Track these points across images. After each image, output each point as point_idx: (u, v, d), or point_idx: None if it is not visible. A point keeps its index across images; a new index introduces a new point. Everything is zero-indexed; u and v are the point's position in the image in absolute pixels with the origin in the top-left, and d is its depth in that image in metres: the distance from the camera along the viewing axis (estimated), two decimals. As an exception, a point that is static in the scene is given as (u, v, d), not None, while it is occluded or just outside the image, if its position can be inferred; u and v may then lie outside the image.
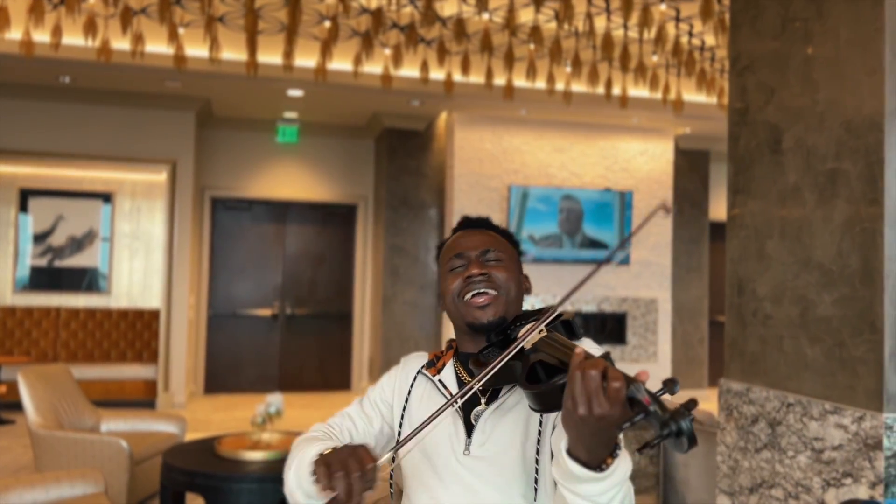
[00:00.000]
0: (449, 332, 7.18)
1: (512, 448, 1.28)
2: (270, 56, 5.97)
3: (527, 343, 1.19)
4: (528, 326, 1.22)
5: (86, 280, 7.65)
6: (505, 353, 1.16)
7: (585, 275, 1.33)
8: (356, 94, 6.88)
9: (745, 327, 2.83)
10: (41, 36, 5.51)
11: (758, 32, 2.84)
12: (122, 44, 5.67)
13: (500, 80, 6.36)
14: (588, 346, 1.29)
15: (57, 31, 5.13)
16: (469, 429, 1.32)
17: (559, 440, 1.07)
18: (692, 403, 0.91)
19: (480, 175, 7.35)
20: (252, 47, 5.33)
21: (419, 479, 1.34)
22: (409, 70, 6.29)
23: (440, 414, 1.18)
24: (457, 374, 1.40)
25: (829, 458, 2.37)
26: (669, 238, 7.86)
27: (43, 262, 7.51)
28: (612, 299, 7.64)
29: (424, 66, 5.81)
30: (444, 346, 1.53)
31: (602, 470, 1.01)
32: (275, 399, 3.85)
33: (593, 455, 1.01)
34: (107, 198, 7.72)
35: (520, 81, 6.42)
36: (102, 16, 5.35)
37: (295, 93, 6.90)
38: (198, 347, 7.86)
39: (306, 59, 6.10)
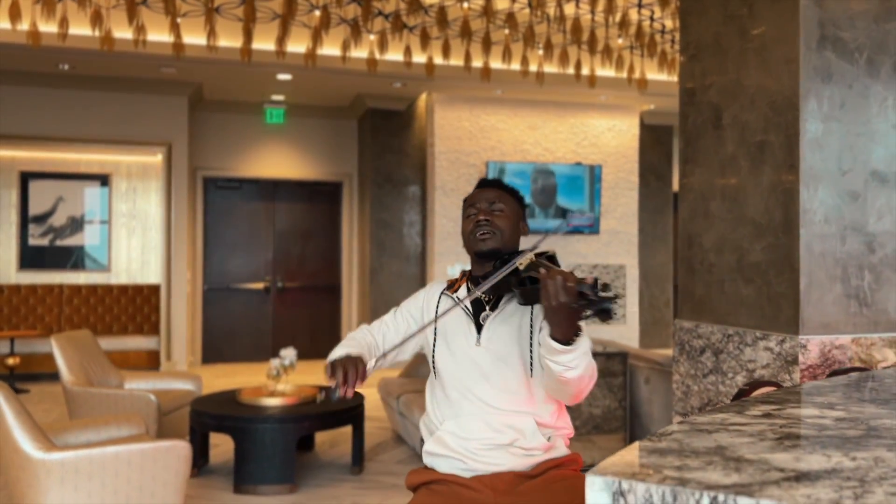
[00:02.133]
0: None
1: (510, 340, 1.81)
2: (262, 43, 6.38)
3: (520, 264, 1.71)
4: (522, 255, 1.73)
5: (86, 258, 8.03)
6: (505, 268, 1.68)
7: (556, 237, 1.86)
8: (342, 78, 7.30)
9: (694, 275, 3.38)
10: (45, 26, 5.86)
11: (703, 26, 3.36)
12: (121, 33, 6.03)
13: (477, 62, 6.82)
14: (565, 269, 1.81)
15: (64, 23, 5.49)
16: (478, 328, 1.84)
17: (544, 333, 1.61)
18: (615, 295, 1.46)
19: (460, 152, 7.83)
20: (248, 35, 5.74)
21: (443, 363, 1.86)
22: (393, 55, 6.73)
23: (423, 329, 1.82)
24: (468, 290, 1.92)
25: (759, 376, 2.93)
26: (636, 208, 8.43)
27: (45, 241, 7.87)
28: (584, 266, 8.21)
29: (408, 51, 6.26)
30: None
31: (571, 345, 1.54)
32: (288, 353, 4.33)
33: (565, 335, 1.54)
34: (104, 179, 8.08)
35: (496, 64, 6.90)
36: (105, 7, 5.71)
37: (284, 77, 7.31)
38: (195, 320, 8.29)
39: (295, 46, 6.52)
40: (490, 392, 1.81)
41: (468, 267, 2.03)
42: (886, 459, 1.10)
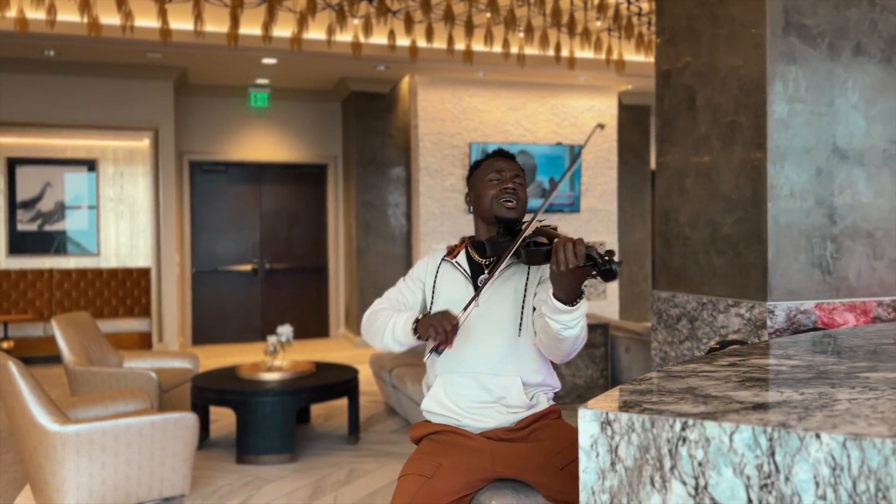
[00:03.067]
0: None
1: (504, 302, 2.00)
2: (248, 28, 6.47)
3: (529, 230, 1.89)
4: (529, 220, 1.92)
5: (75, 243, 8.11)
6: (520, 236, 1.86)
7: (540, 214, 2.03)
8: (326, 61, 7.41)
9: (670, 248, 3.59)
10: (33, 14, 5.92)
11: (677, 12, 3.54)
12: (108, 19, 6.10)
13: (460, 45, 6.97)
14: None
15: (51, 10, 5.56)
16: (476, 289, 2.01)
17: (545, 293, 1.79)
18: (617, 258, 1.65)
19: (443, 134, 7.99)
20: (234, 21, 5.84)
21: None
22: (377, 38, 6.86)
23: (479, 293, 1.92)
24: (468, 256, 2.09)
25: (731, 340, 3.15)
26: (615, 186, 8.65)
27: (33, 226, 7.94)
28: (566, 243, 8.42)
29: (392, 35, 6.39)
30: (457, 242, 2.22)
31: (573, 305, 1.73)
32: (285, 330, 4.51)
33: (568, 297, 1.73)
34: (91, 165, 8.14)
35: (478, 46, 7.05)
36: (93, -6, 5.78)
37: (269, 61, 7.41)
38: (184, 302, 8.42)
39: (281, 30, 6.62)
40: (480, 352, 1.99)
41: (454, 243, 2.20)
42: (828, 393, 1.32)
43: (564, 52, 7.18)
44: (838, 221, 3.08)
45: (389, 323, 2.00)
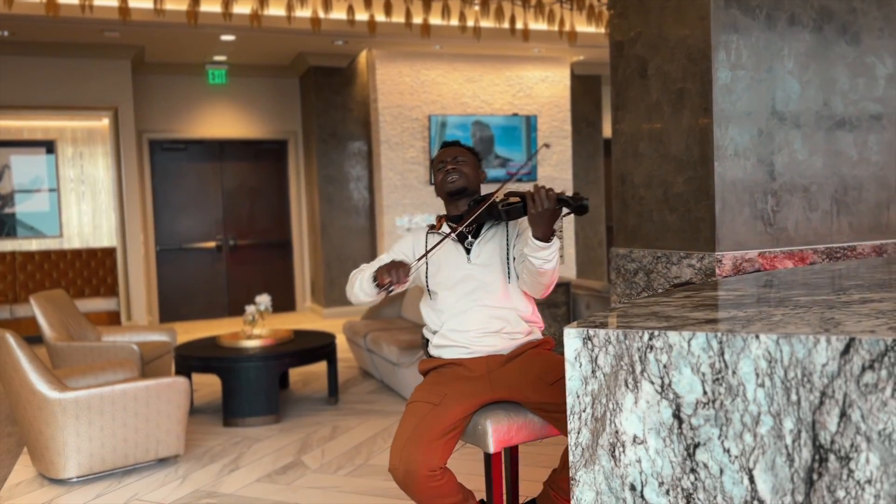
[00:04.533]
0: (382, 249, 8.04)
1: (493, 255, 2.27)
2: (207, 5, 6.52)
3: (496, 197, 2.14)
4: (498, 186, 2.17)
5: (36, 225, 8.08)
6: (485, 202, 2.11)
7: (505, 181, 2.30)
8: (285, 37, 7.49)
9: (627, 208, 3.87)
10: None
11: (628, -13, 3.78)
12: (66, -2, 6.10)
13: (417, 19, 7.12)
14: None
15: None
16: (467, 251, 2.29)
17: (525, 236, 2.08)
18: (585, 198, 1.96)
19: (402, 107, 8.15)
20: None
21: (439, 281, 2.32)
22: (336, 13, 6.97)
23: (443, 240, 2.20)
24: (450, 228, 2.37)
25: (685, 282, 3.46)
26: (570, 155, 8.95)
27: (-7, 210, 7.89)
28: (524, 211, 8.71)
29: (351, 10, 6.52)
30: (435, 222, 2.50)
31: (549, 241, 2.00)
32: (263, 299, 4.68)
33: (545, 235, 2.02)
34: (49, 146, 8.10)
35: (435, 20, 7.21)
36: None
37: (227, 38, 7.45)
38: (150, 281, 8.48)
39: (240, 7, 6.69)
40: (482, 294, 2.30)
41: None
42: (765, 311, 1.59)
43: (519, 25, 7.39)
44: (777, 178, 3.39)
45: (359, 277, 2.34)
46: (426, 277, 2.38)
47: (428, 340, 2.40)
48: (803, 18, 3.42)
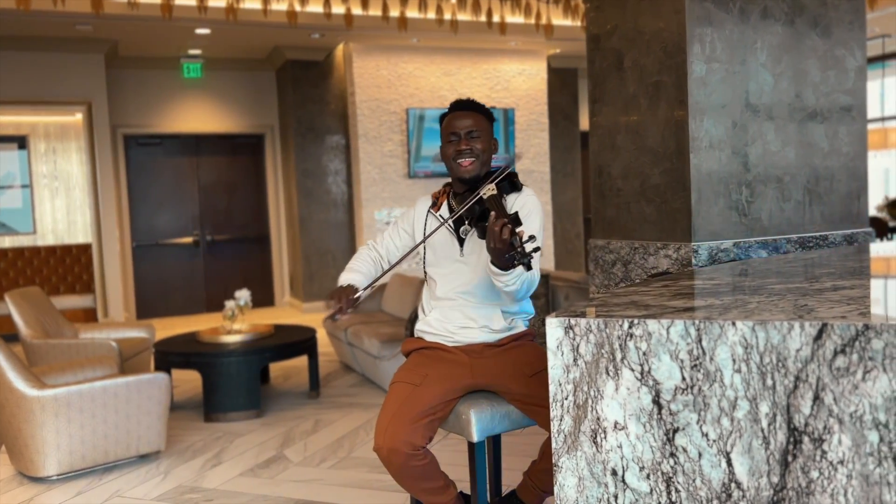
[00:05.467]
0: (361, 242, 8.04)
1: (482, 250, 2.27)
2: (182, -2, 6.46)
3: (484, 194, 2.14)
4: (485, 184, 2.17)
5: (9, 221, 7.97)
6: (471, 198, 2.12)
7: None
8: (261, 31, 7.44)
9: (605, 199, 3.92)
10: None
11: (604, -20, 3.82)
12: (37, -9, 6.01)
13: (394, 12, 7.11)
14: (524, 194, 2.26)
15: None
16: (460, 241, 2.28)
17: (488, 259, 2.07)
18: (535, 248, 1.89)
19: (380, 100, 8.14)
20: (170, -8, 5.85)
21: (434, 266, 2.34)
22: (312, 7, 6.93)
23: (436, 231, 2.18)
24: (450, 207, 2.34)
25: (662, 272, 3.51)
26: (547, 148, 9.00)
27: (-36, 206, 7.77)
28: (502, 204, 8.74)
29: (327, 3, 6.50)
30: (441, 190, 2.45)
31: (507, 271, 1.98)
32: (243, 294, 4.67)
33: (503, 265, 1.96)
34: (21, 141, 7.98)
35: (412, 13, 7.20)
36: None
37: (202, 31, 7.39)
38: (126, 277, 8.40)
39: (214, 0, 6.63)
40: (469, 290, 2.30)
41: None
42: (741, 299, 1.63)
43: (496, 18, 7.41)
44: (751, 169, 3.45)
45: (340, 276, 2.35)
46: (424, 261, 2.37)
47: (417, 318, 2.43)
48: (775, 11, 3.47)
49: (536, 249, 1.90)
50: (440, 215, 2.35)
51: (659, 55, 3.48)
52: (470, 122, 2.30)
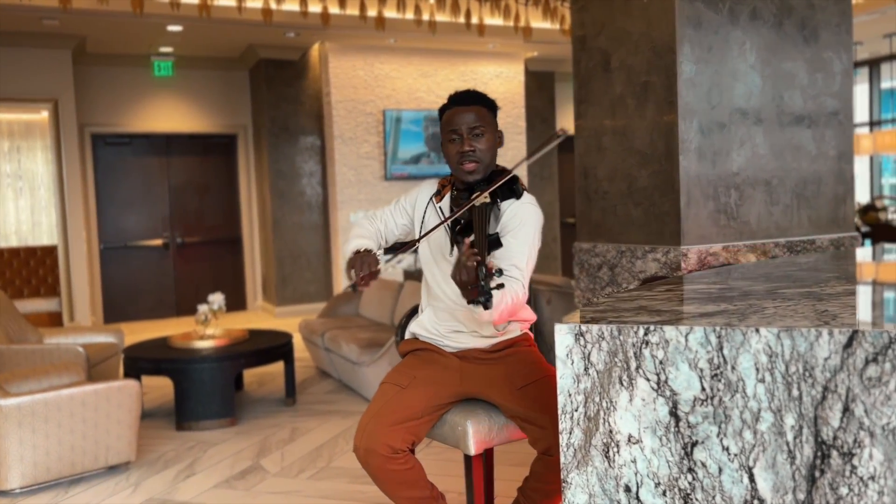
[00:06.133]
0: (336, 245, 7.91)
1: None
2: (153, -7, 6.29)
3: (476, 202, 2.04)
4: (478, 193, 2.05)
5: (-31, 222, 7.70)
6: (462, 207, 2.02)
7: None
8: (234, 28, 7.27)
9: (590, 202, 3.85)
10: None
11: (591, -21, 3.75)
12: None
13: (372, 11, 7.00)
14: (521, 203, 2.11)
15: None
16: (453, 240, 2.13)
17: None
18: (499, 285, 1.74)
19: (356, 101, 8.01)
20: (141, -13, 5.67)
21: (427, 263, 2.22)
22: (288, 5, 6.79)
23: (434, 230, 2.07)
24: (451, 202, 2.17)
25: (656, 276, 3.45)
26: (524, 152, 8.94)
27: (-78, 206, 7.47)
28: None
29: (304, 1, 6.36)
30: (440, 181, 2.29)
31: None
32: (216, 298, 4.52)
33: (466, 298, 1.78)
34: (-17, 139, 7.72)
35: (390, 13, 7.10)
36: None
37: (174, 28, 7.20)
38: (93, 279, 8.16)
39: (188, -4, 6.46)
40: (458, 294, 2.14)
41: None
42: (756, 304, 1.55)
43: (474, 20, 7.33)
44: (740, 172, 3.40)
45: (346, 245, 2.17)
46: (418, 255, 2.27)
47: (410, 320, 2.33)
48: (764, 13, 3.43)
49: (500, 286, 1.75)
50: (440, 207, 2.22)
51: (648, 55, 3.42)
52: (472, 116, 2.13)
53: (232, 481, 3.38)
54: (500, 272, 1.75)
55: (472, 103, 2.16)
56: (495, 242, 2.02)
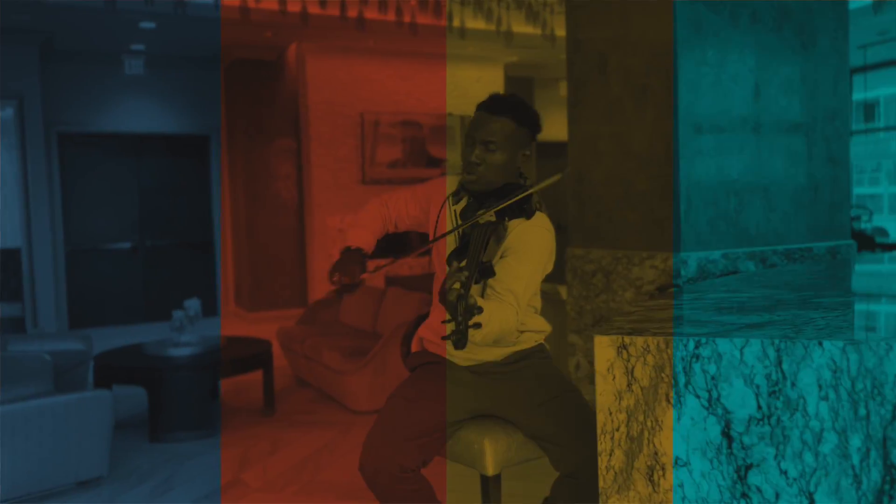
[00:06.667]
0: (312, 249, 7.73)
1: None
2: (126, -12, 6.08)
3: (480, 219, 1.89)
4: (483, 210, 1.90)
5: (-73, 223, 7.37)
6: (466, 222, 1.88)
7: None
8: (209, 26, 7.07)
9: (584, 207, 3.75)
10: None
11: (587, -21, 3.67)
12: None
13: (352, 12, 6.86)
14: (530, 225, 1.95)
15: None
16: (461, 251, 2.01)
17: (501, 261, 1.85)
18: (476, 325, 1.59)
19: (334, 104, 7.85)
20: (114, -20, 5.47)
21: (442, 264, 2.03)
22: (265, 2, 6.62)
23: (447, 234, 1.94)
24: (467, 204, 2.01)
25: (646, 290, 3.36)
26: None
27: None
28: (458, 212, 8.56)
29: (283, 0, 6.20)
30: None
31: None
32: (192, 304, 4.34)
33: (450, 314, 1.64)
34: (-56, 136, 7.40)
35: (371, 14, 6.96)
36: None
37: (147, 25, 6.99)
38: (58, 284, 7.87)
39: (163, -8, 6.26)
40: None
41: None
42: (800, 314, 1.45)
43: (456, 23, 7.23)
44: (739, 178, 3.34)
45: (348, 230, 2.07)
46: (431, 239, 2.08)
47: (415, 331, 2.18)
48: (765, 17, 3.37)
49: (477, 325, 1.59)
50: (455, 211, 2.08)
51: (646, 57, 3.33)
52: (493, 128, 1.93)
53: (212, 497, 3.20)
54: (479, 309, 1.60)
55: (502, 113, 1.95)
56: (488, 271, 1.86)
